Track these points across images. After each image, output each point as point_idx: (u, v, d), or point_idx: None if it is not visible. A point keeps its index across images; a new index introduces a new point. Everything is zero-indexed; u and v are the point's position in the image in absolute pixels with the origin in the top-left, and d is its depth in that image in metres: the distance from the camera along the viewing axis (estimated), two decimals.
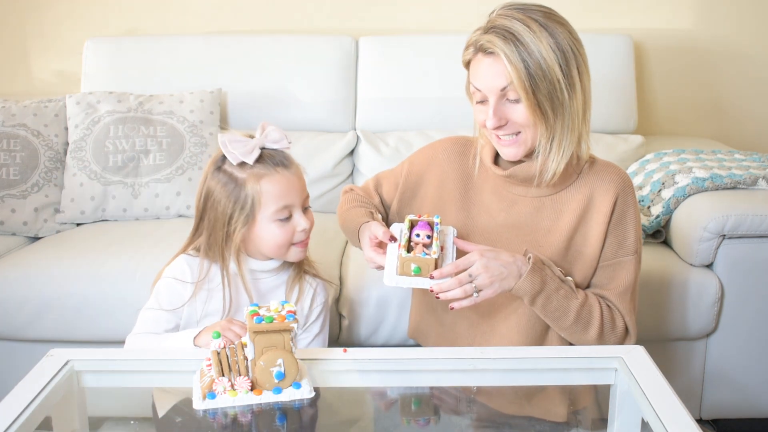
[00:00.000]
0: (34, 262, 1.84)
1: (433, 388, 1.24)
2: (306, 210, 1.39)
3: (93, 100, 2.21)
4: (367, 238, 1.33)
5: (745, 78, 2.62)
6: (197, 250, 1.40)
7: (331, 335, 1.75)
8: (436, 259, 1.23)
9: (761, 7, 2.56)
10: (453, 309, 1.26)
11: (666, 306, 1.76)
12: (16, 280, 1.77)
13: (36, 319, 1.76)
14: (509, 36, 1.22)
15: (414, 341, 1.59)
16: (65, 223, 2.11)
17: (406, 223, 1.30)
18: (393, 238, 1.29)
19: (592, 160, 1.37)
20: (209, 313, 1.38)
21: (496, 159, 1.39)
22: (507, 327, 1.37)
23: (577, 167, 1.35)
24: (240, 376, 1.09)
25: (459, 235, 1.37)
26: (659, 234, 1.93)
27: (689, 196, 1.85)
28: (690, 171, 1.91)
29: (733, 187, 1.86)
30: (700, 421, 1.89)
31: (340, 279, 1.79)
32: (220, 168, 1.35)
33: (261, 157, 1.33)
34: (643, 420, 1.09)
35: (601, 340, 1.32)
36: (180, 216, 2.12)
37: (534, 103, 1.23)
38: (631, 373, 1.16)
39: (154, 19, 2.57)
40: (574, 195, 1.35)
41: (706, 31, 2.58)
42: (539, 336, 1.37)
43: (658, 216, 1.88)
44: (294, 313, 1.10)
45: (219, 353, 1.10)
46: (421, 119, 2.32)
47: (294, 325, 1.08)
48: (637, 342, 1.31)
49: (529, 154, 1.32)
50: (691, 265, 1.80)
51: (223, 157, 1.34)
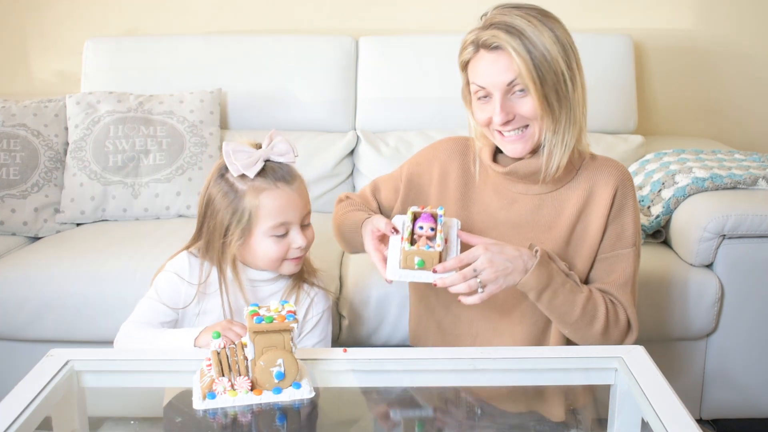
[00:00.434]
0: (34, 262, 1.84)
1: (436, 409, 1.23)
2: (306, 227, 1.37)
3: (93, 100, 2.21)
4: (369, 232, 1.32)
5: (745, 78, 2.62)
6: (199, 249, 1.40)
7: (332, 335, 1.75)
8: (440, 252, 1.21)
9: (761, 7, 2.56)
10: (461, 303, 1.23)
11: (666, 306, 1.76)
12: (16, 280, 1.77)
13: (36, 319, 1.76)
14: (512, 30, 1.23)
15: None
16: (65, 223, 2.11)
17: (409, 215, 1.27)
18: (396, 230, 1.27)
19: (592, 156, 1.38)
20: (205, 311, 1.38)
21: (495, 158, 1.39)
22: (509, 334, 1.37)
23: (578, 162, 1.36)
24: (240, 376, 1.09)
25: (462, 229, 1.36)
26: (659, 234, 1.93)
27: (689, 196, 1.85)
28: (690, 171, 1.91)
29: (733, 187, 1.86)
30: (700, 421, 1.89)
31: (340, 279, 1.79)
32: (223, 176, 1.34)
33: (264, 169, 1.31)
34: (643, 420, 1.09)
35: (605, 336, 1.30)
36: (180, 216, 2.12)
37: (542, 95, 1.24)
38: (631, 373, 1.16)
39: (154, 19, 2.57)
40: (574, 191, 1.35)
41: (706, 31, 2.58)
42: (539, 343, 1.37)
43: (658, 216, 1.88)
44: (294, 313, 1.10)
45: (219, 353, 1.10)
46: (421, 119, 2.32)
47: (294, 325, 1.08)
48: (637, 342, 1.30)
49: (533, 151, 1.32)
50: (691, 265, 1.80)
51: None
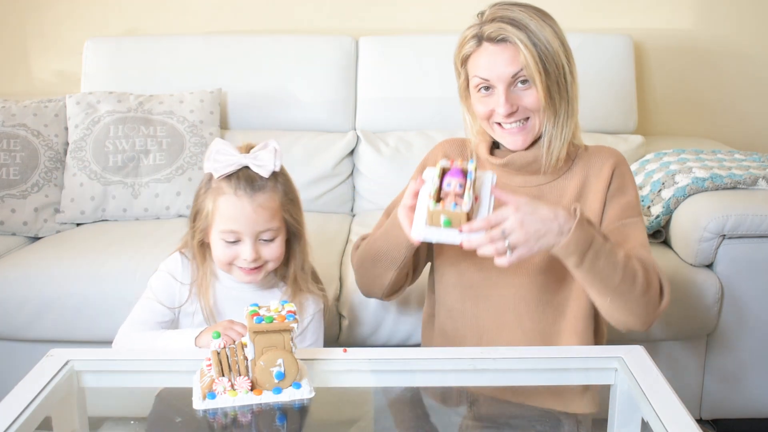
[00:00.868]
0: (34, 262, 1.84)
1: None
2: (267, 242, 1.33)
3: (93, 100, 2.21)
4: (401, 205, 1.25)
5: (745, 78, 2.62)
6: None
7: (331, 335, 1.75)
8: (468, 213, 1.13)
9: (761, 7, 2.56)
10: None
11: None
12: (16, 280, 1.77)
13: (36, 319, 1.76)
14: (518, 23, 1.25)
15: (415, 342, 1.58)
16: (65, 223, 2.11)
17: (437, 170, 1.19)
18: (424, 182, 1.20)
19: (586, 147, 1.40)
20: (199, 310, 1.39)
21: (492, 153, 1.39)
22: (519, 332, 1.37)
23: (573, 153, 1.37)
24: (240, 376, 1.09)
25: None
26: (659, 234, 1.93)
27: (689, 196, 1.85)
28: (690, 171, 1.91)
29: (733, 187, 1.86)
30: (700, 421, 1.89)
31: (340, 279, 1.79)
32: None
33: (237, 173, 1.31)
34: (643, 420, 1.09)
35: (645, 296, 1.23)
36: (180, 216, 2.12)
37: (546, 86, 1.26)
38: (631, 373, 1.16)
39: (154, 19, 2.57)
40: (571, 180, 1.36)
41: (706, 31, 2.58)
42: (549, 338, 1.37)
43: (658, 216, 1.88)
44: (294, 313, 1.10)
45: (219, 353, 1.10)
46: (421, 119, 2.32)
47: (294, 325, 1.08)
48: (637, 342, 1.30)
49: (536, 141, 1.34)
50: (691, 265, 1.80)
51: None
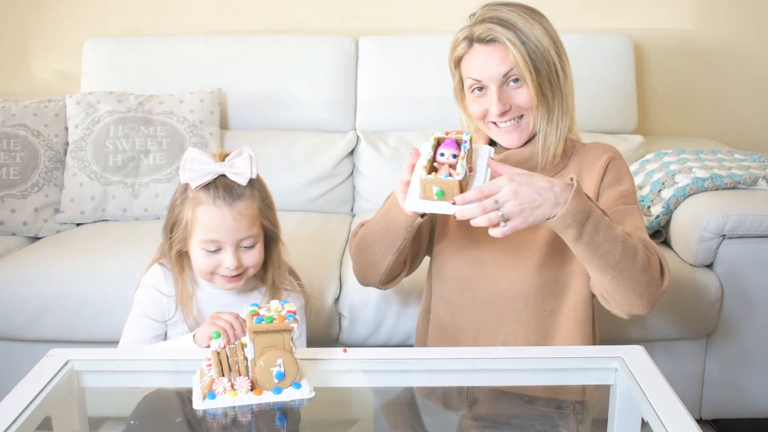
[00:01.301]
0: (34, 262, 1.84)
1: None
2: (248, 249, 1.34)
3: (93, 100, 2.21)
4: (399, 181, 1.23)
5: (745, 78, 2.62)
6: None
7: (331, 335, 1.75)
8: (461, 182, 1.11)
9: (761, 7, 2.56)
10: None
11: (666, 306, 1.76)
12: (16, 280, 1.77)
13: (36, 319, 1.76)
14: (506, 23, 1.27)
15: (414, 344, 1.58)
16: (65, 223, 2.11)
17: (431, 141, 1.17)
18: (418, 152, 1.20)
19: (582, 143, 1.41)
20: (182, 321, 1.39)
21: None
22: (514, 327, 1.37)
23: (570, 150, 1.38)
24: (240, 376, 1.09)
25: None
26: (659, 234, 1.93)
27: (689, 196, 1.85)
28: (690, 171, 1.91)
29: (733, 187, 1.86)
30: (700, 421, 1.89)
31: (340, 279, 1.79)
32: None
33: (214, 182, 1.30)
34: (643, 420, 1.09)
35: (647, 272, 1.21)
36: None
37: (537, 84, 1.27)
38: (631, 373, 1.16)
39: (154, 19, 2.57)
40: (567, 174, 1.36)
41: (706, 31, 2.58)
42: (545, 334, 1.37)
43: (658, 216, 1.88)
44: (294, 312, 1.10)
45: (219, 353, 1.10)
46: (421, 119, 2.32)
47: (294, 325, 1.08)
48: (637, 342, 1.30)
49: (530, 139, 1.35)
50: (691, 265, 1.80)
51: None
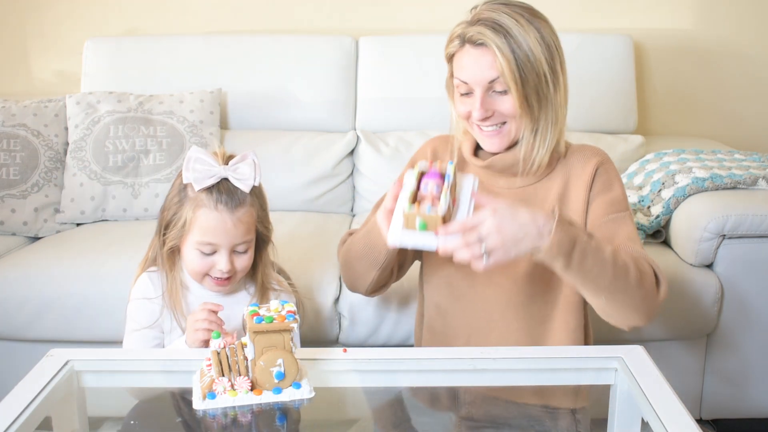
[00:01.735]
0: (34, 262, 1.84)
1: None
2: (241, 254, 1.35)
3: (93, 100, 2.21)
4: (381, 207, 1.23)
5: (745, 78, 2.62)
6: (155, 263, 1.42)
7: (331, 335, 1.75)
8: (443, 216, 1.10)
9: (761, 7, 2.56)
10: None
11: (666, 306, 1.75)
12: (16, 280, 1.77)
13: (36, 319, 1.76)
14: (499, 28, 1.24)
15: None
16: (65, 223, 2.11)
17: (415, 172, 1.17)
18: (401, 182, 1.19)
19: (568, 145, 1.39)
20: (175, 327, 1.39)
21: (476, 153, 1.39)
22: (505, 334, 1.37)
23: (556, 156, 1.37)
24: (240, 376, 1.09)
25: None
26: (659, 234, 1.93)
27: (689, 196, 1.85)
28: (690, 171, 1.91)
29: (733, 187, 1.86)
30: (700, 421, 1.89)
31: (340, 279, 1.79)
32: None
33: (218, 186, 1.30)
34: (643, 420, 1.09)
35: (640, 287, 1.20)
36: None
37: (522, 95, 1.25)
38: (631, 373, 1.16)
39: (154, 19, 2.57)
40: (554, 180, 1.36)
41: (706, 31, 2.58)
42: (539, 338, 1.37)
43: (658, 216, 1.88)
44: (294, 312, 1.10)
45: (219, 353, 1.10)
46: (421, 119, 2.32)
47: (294, 325, 1.08)
48: (637, 342, 1.30)
49: (511, 146, 1.34)
50: (691, 265, 1.80)
51: None
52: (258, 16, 2.56)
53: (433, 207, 1.11)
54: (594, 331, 1.43)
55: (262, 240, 1.41)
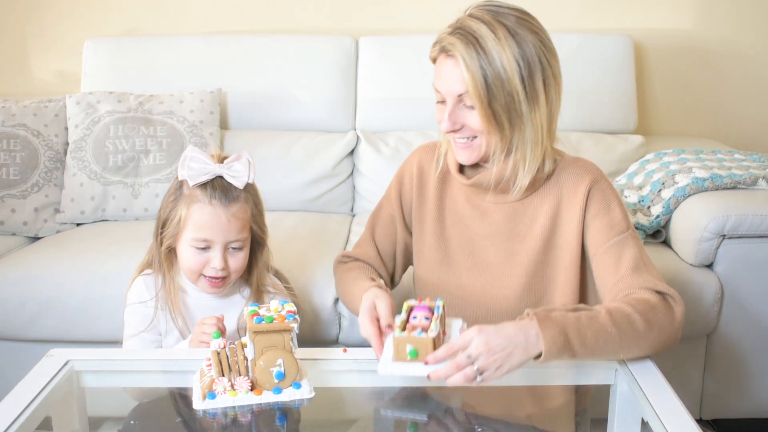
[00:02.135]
0: (34, 262, 1.84)
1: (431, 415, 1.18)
2: (236, 251, 1.35)
3: (93, 100, 2.21)
4: (367, 310, 1.23)
5: (745, 78, 2.62)
6: (151, 266, 1.43)
7: (331, 335, 1.75)
8: (434, 339, 1.10)
9: (761, 7, 2.56)
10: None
11: None
12: (16, 280, 1.77)
13: (36, 319, 1.76)
14: (472, 40, 1.19)
15: None
16: (65, 223, 2.11)
17: (404, 309, 1.20)
18: (392, 327, 1.20)
19: (561, 155, 1.33)
20: (172, 328, 1.40)
21: (461, 169, 1.36)
22: None
23: (543, 174, 1.30)
24: (240, 376, 1.09)
25: (440, 241, 1.31)
26: (659, 234, 1.93)
27: (689, 196, 1.85)
28: (690, 171, 1.91)
29: (733, 187, 1.86)
30: (700, 421, 1.89)
31: None
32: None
33: (211, 182, 1.32)
34: (643, 420, 1.09)
35: (652, 329, 1.14)
36: None
37: (489, 113, 1.20)
38: (631, 373, 1.16)
39: (154, 19, 2.57)
40: (545, 197, 1.31)
41: (706, 31, 2.58)
42: None
43: (658, 216, 1.88)
44: (294, 312, 1.10)
45: (219, 353, 1.10)
46: (421, 119, 2.32)
47: (294, 325, 1.08)
48: None
49: (486, 160, 1.30)
50: (691, 265, 1.80)
51: None
52: (258, 16, 2.56)
53: (424, 332, 1.12)
54: None
55: (257, 242, 1.41)
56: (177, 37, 2.41)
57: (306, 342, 1.52)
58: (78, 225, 2.12)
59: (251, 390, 1.09)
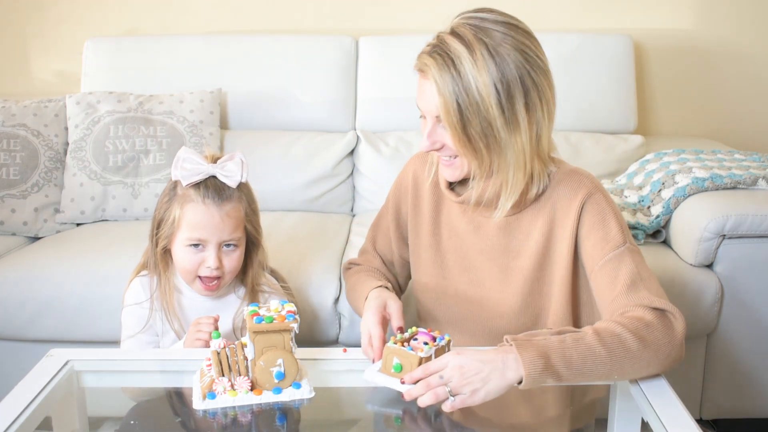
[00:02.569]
0: (34, 262, 1.84)
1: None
2: (230, 251, 1.36)
3: (93, 100, 2.21)
4: (376, 308, 1.24)
5: (745, 78, 2.62)
6: (148, 267, 1.43)
7: (331, 335, 1.75)
8: (422, 359, 1.11)
9: (761, 7, 2.56)
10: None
11: None
12: (16, 280, 1.77)
13: (36, 319, 1.76)
14: (448, 62, 1.13)
15: None
16: (65, 223, 2.11)
17: (410, 331, 1.19)
18: (402, 330, 1.22)
19: (558, 163, 1.29)
20: (168, 329, 1.40)
21: (451, 186, 1.35)
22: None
23: (539, 185, 1.26)
24: (240, 376, 1.09)
25: (435, 255, 1.31)
26: (659, 234, 1.93)
27: (689, 196, 1.85)
28: (690, 171, 1.91)
29: (733, 187, 1.86)
30: (700, 421, 1.89)
31: (340, 279, 1.79)
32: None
33: (205, 182, 1.33)
34: (643, 420, 1.09)
35: (648, 348, 1.10)
36: None
37: (464, 138, 1.16)
38: None
39: (154, 19, 2.57)
40: (539, 211, 1.27)
41: (706, 31, 2.58)
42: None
43: (658, 216, 1.88)
44: (294, 312, 1.10)
45: (219, 353, 1.10)
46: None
47: (294, 325, 1.08)
48: None
49: (474, 177, 1.25)
50: (691, 265, 1.80)
51: None
52: (258, 16, 2.56)
53: (415, 350, 1.12)
54: None
55: (251, 242, 1.42)
56: (177, 37, 2.42)
57: (306, 342, 1.52)
58: (78, 225, 2.12)
59: (251, 390, 1.09)
